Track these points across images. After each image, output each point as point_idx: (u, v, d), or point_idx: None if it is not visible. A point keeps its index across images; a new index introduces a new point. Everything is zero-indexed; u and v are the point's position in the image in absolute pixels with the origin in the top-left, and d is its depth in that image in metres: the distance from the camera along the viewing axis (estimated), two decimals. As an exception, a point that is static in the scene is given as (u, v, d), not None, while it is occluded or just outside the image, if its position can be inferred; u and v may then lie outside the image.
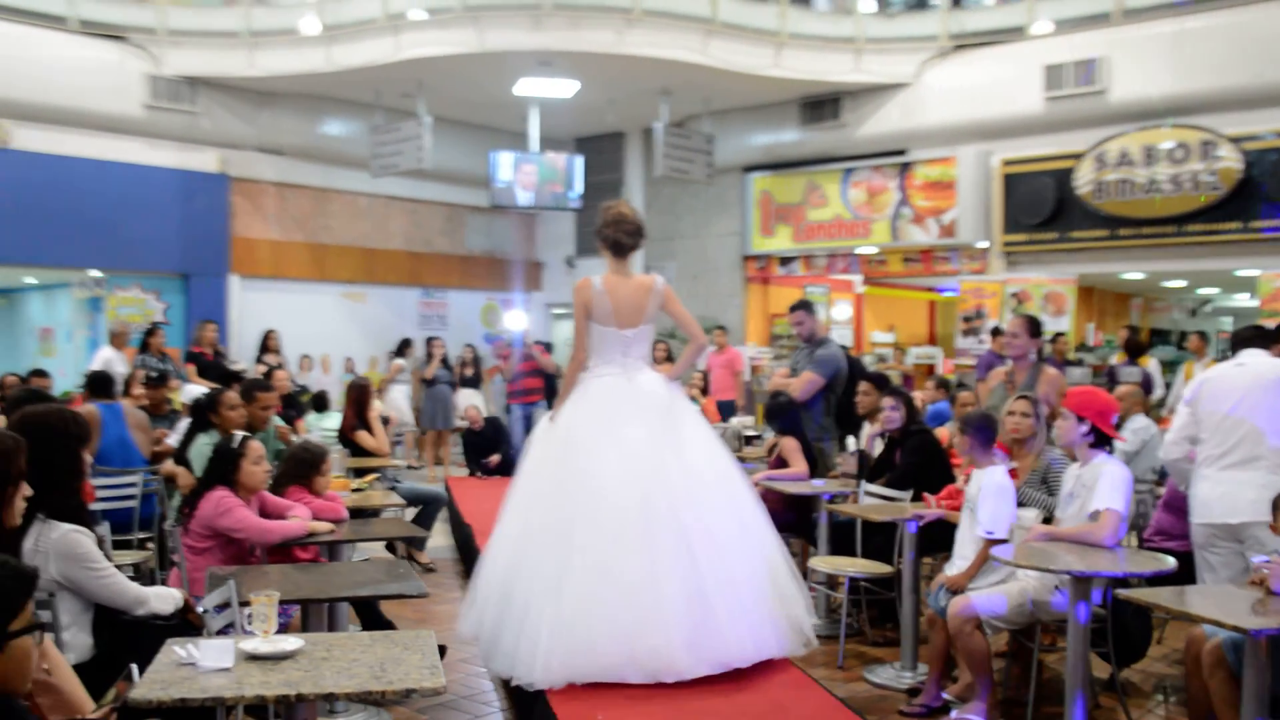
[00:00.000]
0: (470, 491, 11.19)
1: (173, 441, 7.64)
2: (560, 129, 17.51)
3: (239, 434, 5.60)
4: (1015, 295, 14.20)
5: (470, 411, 13.13)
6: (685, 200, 17.58)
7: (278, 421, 8.04)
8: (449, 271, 18.58)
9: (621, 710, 4.73)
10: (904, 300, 20.56)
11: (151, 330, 12.13)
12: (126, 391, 9.21)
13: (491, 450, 12.62)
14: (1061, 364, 11.78)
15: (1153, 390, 12.15)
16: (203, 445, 6.45)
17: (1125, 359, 13.04)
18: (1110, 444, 5.11)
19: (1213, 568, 5.46)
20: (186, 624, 4.11)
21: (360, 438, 8.87)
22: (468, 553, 8.53)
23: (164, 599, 4.12)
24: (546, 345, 15.35)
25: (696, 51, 13.82)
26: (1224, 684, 4.22)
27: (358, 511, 6.63)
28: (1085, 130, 13.45)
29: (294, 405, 10.56)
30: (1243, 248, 12.78)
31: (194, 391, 8.14)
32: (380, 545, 8.54)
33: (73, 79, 13.68)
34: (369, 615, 5.91)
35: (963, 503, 5.63)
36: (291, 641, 3.34)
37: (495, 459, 12.42)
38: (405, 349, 14.91)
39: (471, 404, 13.90)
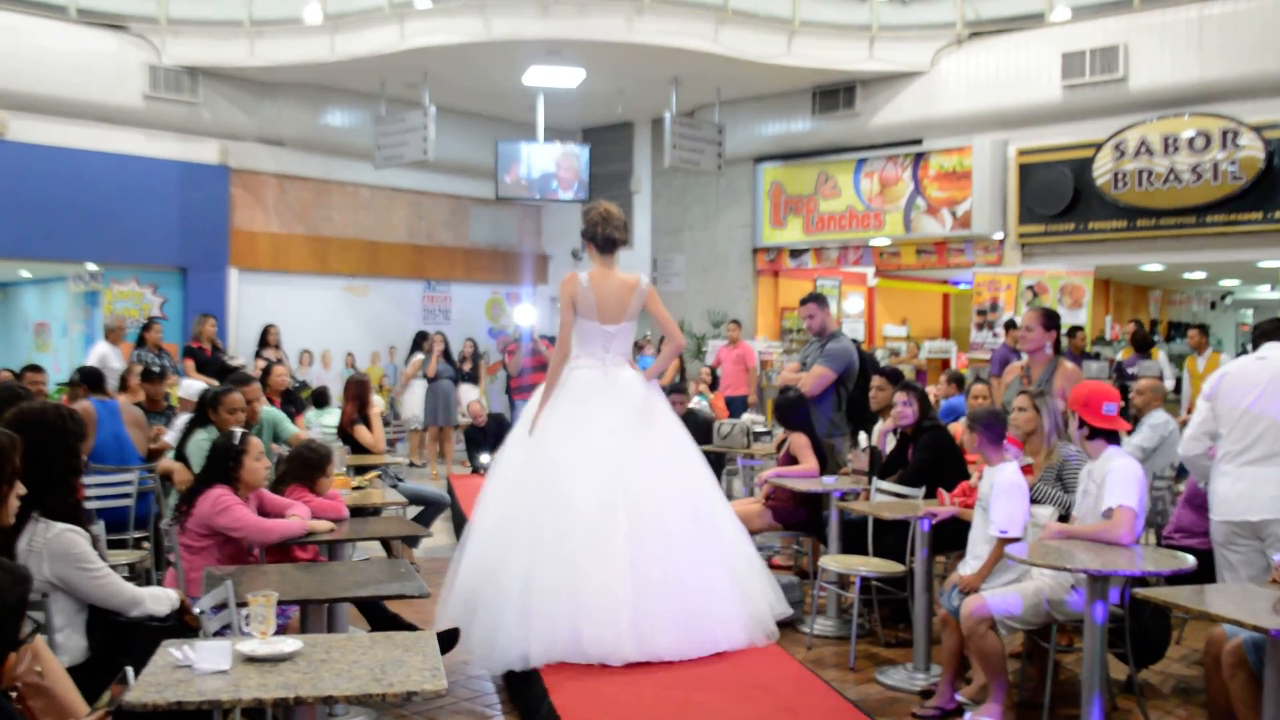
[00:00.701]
0: (473, 490, 11.13)
1: (170, 438, 7.65)
2: (567, 119, 17.51)
3: (238, 430, 5.60)
4: (1031, 288, 14.18)
5: (473, 406, 13.13)
6: (694, 191, 17.56)
7: (289, 425, 8.03)
8: (453, 264, 18.59)
9: (627, 713, 4.74)
10: (917, 293, 20.54)
11: (148, 325, 12.14)
12: (123, 387, 9.23)
13: (495, 446, 12.57)
14: (1079, 358, 11.74)
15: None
16: (200, 441, 6.44)
17: (1132, 354, 13.01)
18: (1117, 436, 5.09)
19: (1233, 566, 5.43)
20: (183, 625, 4.11)
21: (359, 433, 8.86)
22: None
23: (160, 600, 4.12)
24: (554, 340, 15.33)
25: (707, 39, 13.80)
26: (1245, 685, 4.19)
27: (358, 510, 6.63)
28: (1104, 119, 13.41)
29: (293, 401, 10.56)
30: (1265, 239, 12.74)
31: (192, 387, 8.13)
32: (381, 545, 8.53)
33: (71, 69, 13.71)
34: (375, 614, 5.91)
35: (976, 500, 5.62)
36: (290, 643, 3.34)
37: (500, 457, 12.38)
38: (423, 343, 14.79)
39: (474, 399, 13.90)
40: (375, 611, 5.91)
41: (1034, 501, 5.38)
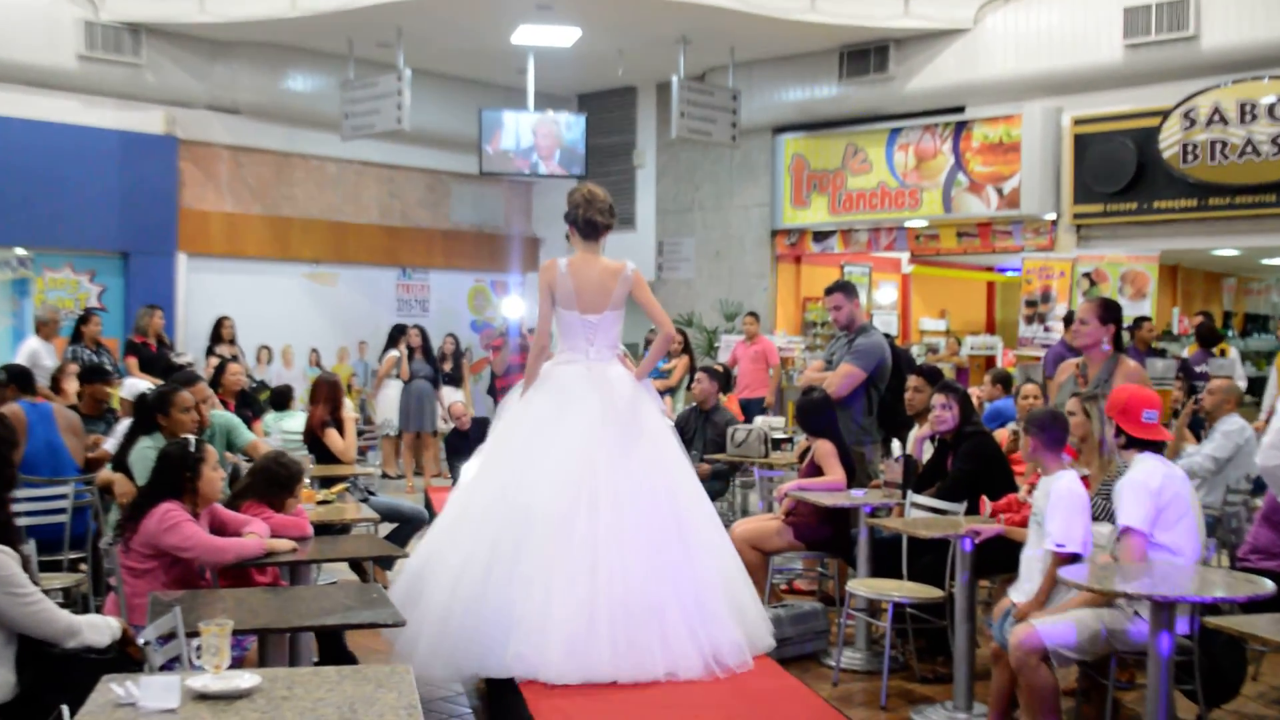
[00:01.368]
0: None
1: (110, 446, 7.65)
2: (561, 84, 17.51)
3: (191, 436, 5.60)
4: (1088, 275, 14.17)
5: (455, 408, 13.09)
6: (705, 166, 17.56)
7: (244, 432, 8.03)
8: (431, 249, 18.60)
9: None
10: (958, 281, 20.54)
11: (85, 318, 12.12)
12: (56, 389, 9.23)
13: (479, 455, 12.58)
14: (1144, 354, 11.73)
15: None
16: (145, 449, 6.45)
17: (1198, 349, 12.99)
18: (1159, 447, 5.11)
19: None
20: (125, 658, 4.12)
21: (330, 437, 8.83)
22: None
23: (99, 629, 4.13)
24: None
25: (719, -8, 13.79)
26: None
27: (324, 527, 6.63)
28: (1171, 83, 13.38)
29: (250, 404, 10.57)
30: (1355, 219, 12.74)
31: (135, 388, 8.13)
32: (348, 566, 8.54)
33: (-5, 27, 13.71)
34: (330, 646, 5.91)
35: (1029, 515, 5.62)
36: (247, 678, 3.34)
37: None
38: (399, 338, 14.78)
39: (456, 400, 13.89)
40: (332, 644, 5.91)
41: (1093, 519, 5.38)
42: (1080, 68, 13.97)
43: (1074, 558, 5.07)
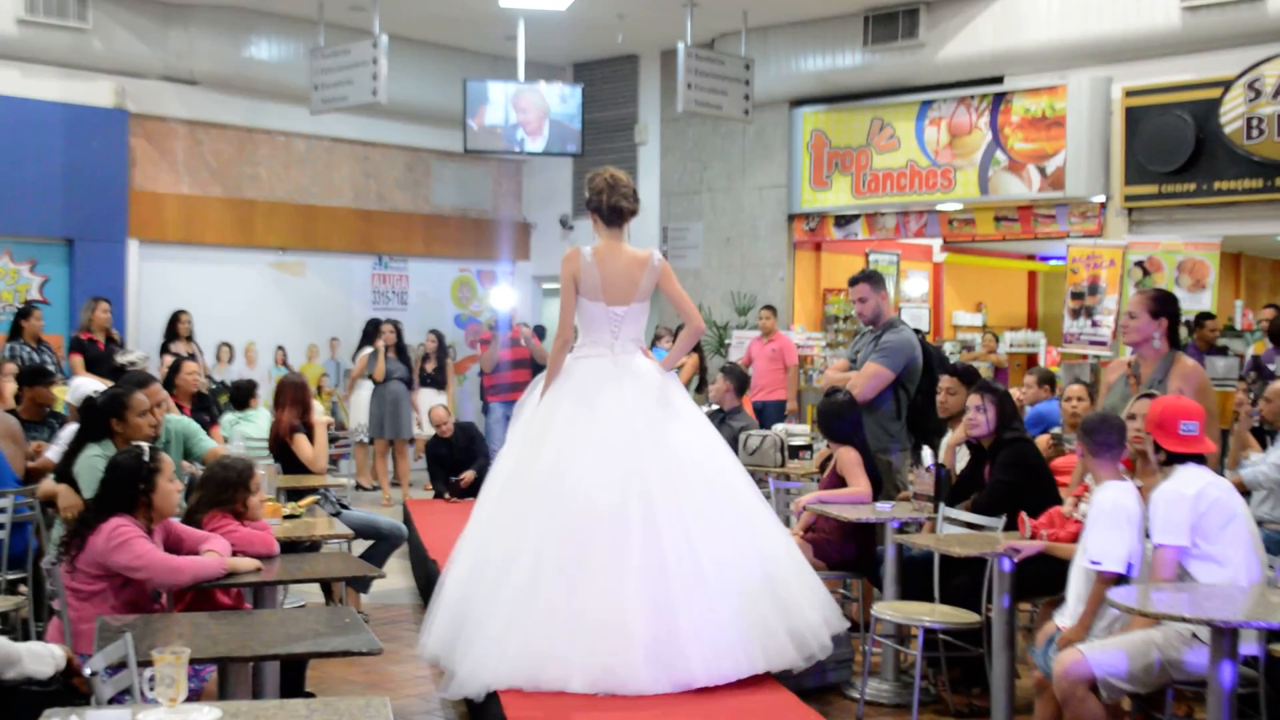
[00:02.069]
0: (436, 518, 11.18)
1: (53, 455, 7.65)
2: (555, 52, 17.52)
3: (144, 444, 5.60)
4: (1140, 264, 14.15)
5: (436, 413, 13.11)
6: (715, 143, 17.56)
7: (204, 439, 8.04)
8: (410, 235, 18.60)
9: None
10: (996, 271, 20.54)
11: (25, 311, 12.15)
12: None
13: (463, 465, 12.61)
14: (1204, 353, 11.71)
15: None
16: (93, 458, 6.44)
17: (1268, 347, 12.98)
18: (1201, 460, 5.12)
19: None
20: (70, 690, 4.12)
21: (299, 444, 8.81)
22: (432, 597, 8.54)
23: (40, 658, 4.13)
24: (538, 329, 15.35)
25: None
26: None
27: (291, 544, 6.64)
28: (1234, 50, 13.37)
29: (208, 408, 10.57)
30: None
31: (82, 389, 8.14)
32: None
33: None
34: (287, 678, 5.91)
35: (1076, 531, 5.62)
36: (205, 712, 3.35)
37: (468, 476, 12.39)
38: (376, 335, 14.80)
39: (437, 404, 13.89)
40: (289, 675, 5.91)
41: (1148, 535, 5.37)
42: (1132, 33, 13.95)
43: (1121, 579, 5.08)
